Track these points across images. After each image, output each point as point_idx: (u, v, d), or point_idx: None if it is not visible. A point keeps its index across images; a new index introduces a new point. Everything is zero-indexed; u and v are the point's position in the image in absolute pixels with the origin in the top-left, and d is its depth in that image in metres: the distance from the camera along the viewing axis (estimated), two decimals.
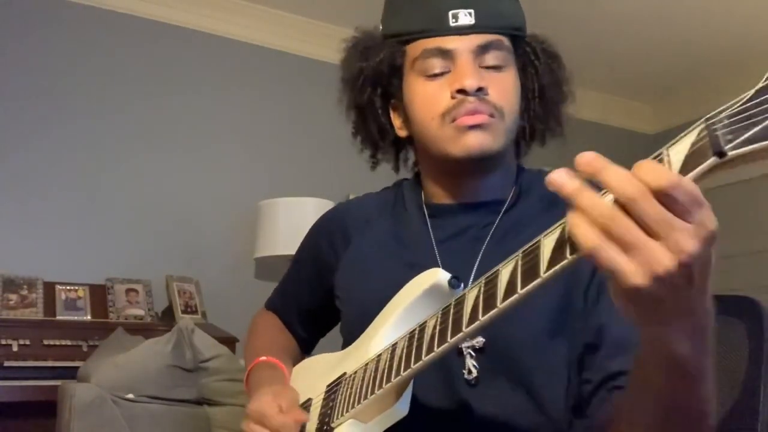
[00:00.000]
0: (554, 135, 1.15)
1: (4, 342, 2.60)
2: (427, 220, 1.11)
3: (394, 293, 0.97)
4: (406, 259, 1.08)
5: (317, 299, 1.24)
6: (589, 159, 0.58)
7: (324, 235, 1.23)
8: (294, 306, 1.30)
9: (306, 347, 1.33)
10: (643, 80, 4.64)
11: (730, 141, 0.54)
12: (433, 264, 1.03)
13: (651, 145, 5.18)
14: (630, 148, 5.00)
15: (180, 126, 3.47)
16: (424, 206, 1.13)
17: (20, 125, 3.09)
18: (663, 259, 0.55)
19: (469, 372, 0.96)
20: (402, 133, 1.14)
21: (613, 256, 0.56)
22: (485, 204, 1.08)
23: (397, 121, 1.14)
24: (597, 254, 0.57)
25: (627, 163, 0.59)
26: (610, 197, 0.57)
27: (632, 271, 0.56)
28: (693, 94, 4.70)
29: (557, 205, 1.03)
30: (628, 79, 4.61)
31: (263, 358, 1.19)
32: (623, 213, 0.56)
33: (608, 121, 4.89)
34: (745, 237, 4.35)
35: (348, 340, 1.10)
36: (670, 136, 0.58)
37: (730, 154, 0.54)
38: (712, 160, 0.55)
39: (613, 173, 0.56)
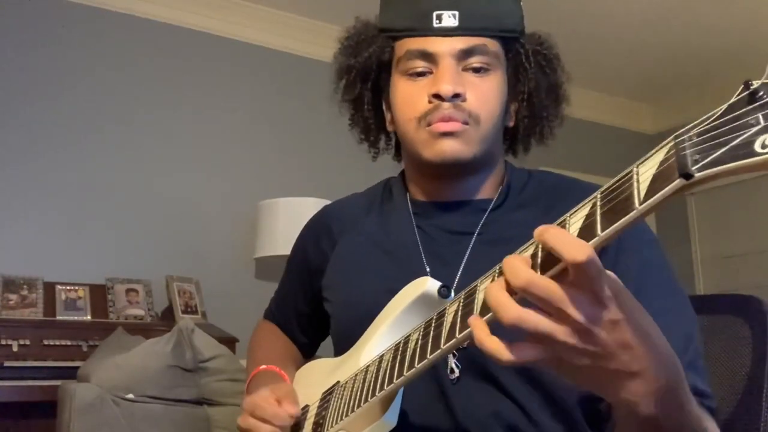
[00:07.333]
0: (539, 142, 1.12)
1: (4, 342, 2.60)
2: (412, 217, 1.09)
3: (383, 296, 0.96)
4: (393, 259, 1.07)
5: (311, 304, 1.23)
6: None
7: (310, 238, 1.22)
8: (291, 312, 1.28)
9: (308, 352, 1.31)
10: (642, 80, 4.64)
11: (698, 162, 0.51)
12: (418, 264, 1.03)
13: (651, 145, 5.21)
14: (630, 148, 5.03)
15: (180, 126, 3.47)
16: (409, 203, 1.12)
17: (20, 125, 3.09)
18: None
19: (452, 371, 0.95)
20: (391, 128, 1.13)
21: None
22: (469, 203, 1.06)
23: (388, 115, 1.12)
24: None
25: (627, 162, 0.59)
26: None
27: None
28: (693, 94, 4.70)
29: (555, 209, 1.02)
30: (628, 79, 4.61)
31: (263, 367, 1.17)
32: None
33: (608, 121, 4.89)
34: (746, 237, 4.35)
35: (338, 343, 1.09)
36: (670, 136, 0.56)
37: (697, 176, 0.51)
38: (678, 182, 0.52)
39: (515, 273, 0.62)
